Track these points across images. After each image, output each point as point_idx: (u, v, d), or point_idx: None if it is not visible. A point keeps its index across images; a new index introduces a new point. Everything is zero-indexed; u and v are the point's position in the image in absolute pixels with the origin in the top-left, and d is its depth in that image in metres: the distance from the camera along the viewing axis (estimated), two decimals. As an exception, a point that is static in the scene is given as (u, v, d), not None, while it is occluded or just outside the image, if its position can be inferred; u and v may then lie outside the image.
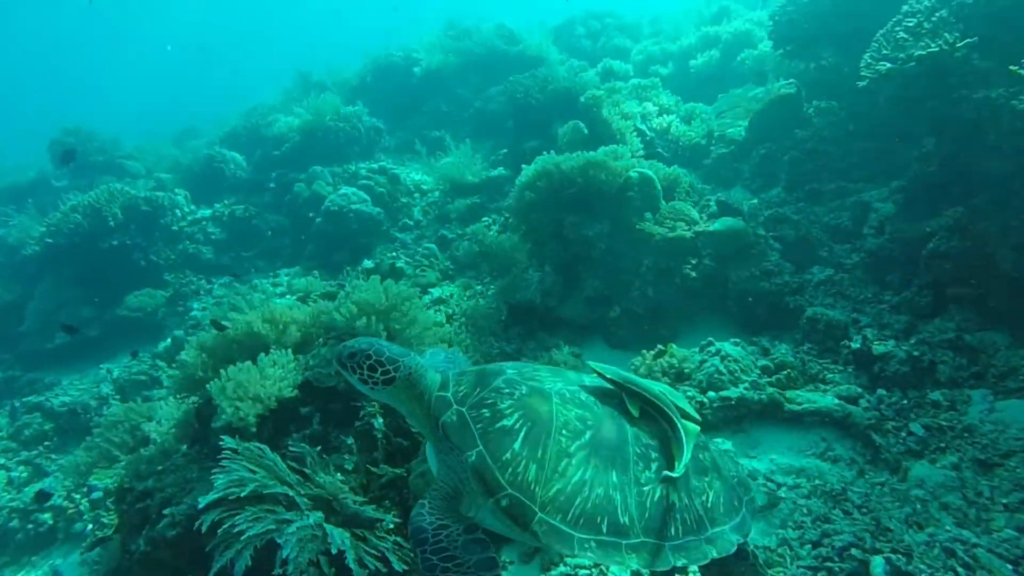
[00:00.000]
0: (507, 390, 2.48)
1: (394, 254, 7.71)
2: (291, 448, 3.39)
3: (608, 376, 2.58)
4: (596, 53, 11.78)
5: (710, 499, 2.47)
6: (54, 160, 11.60)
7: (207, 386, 3.62)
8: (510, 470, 2.31)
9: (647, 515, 2.32)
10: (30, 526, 5.87)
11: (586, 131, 7.24)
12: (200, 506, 2.93)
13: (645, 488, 2.35)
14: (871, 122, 6.37)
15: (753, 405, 4.41)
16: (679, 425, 2.49)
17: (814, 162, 6.60)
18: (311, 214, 8.58)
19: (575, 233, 5.78)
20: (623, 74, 9.51)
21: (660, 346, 4.91)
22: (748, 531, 2.56)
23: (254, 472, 3.09)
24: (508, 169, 8.76)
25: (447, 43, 11.37)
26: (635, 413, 2.51)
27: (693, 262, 5.76)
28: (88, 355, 8.44)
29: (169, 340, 7.67)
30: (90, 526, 5.63)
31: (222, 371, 3.60)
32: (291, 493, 3.08)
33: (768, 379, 4.62)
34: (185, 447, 4.16)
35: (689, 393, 4.54)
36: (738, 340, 5.22)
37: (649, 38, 11.89)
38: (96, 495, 5.53)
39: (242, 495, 2.95)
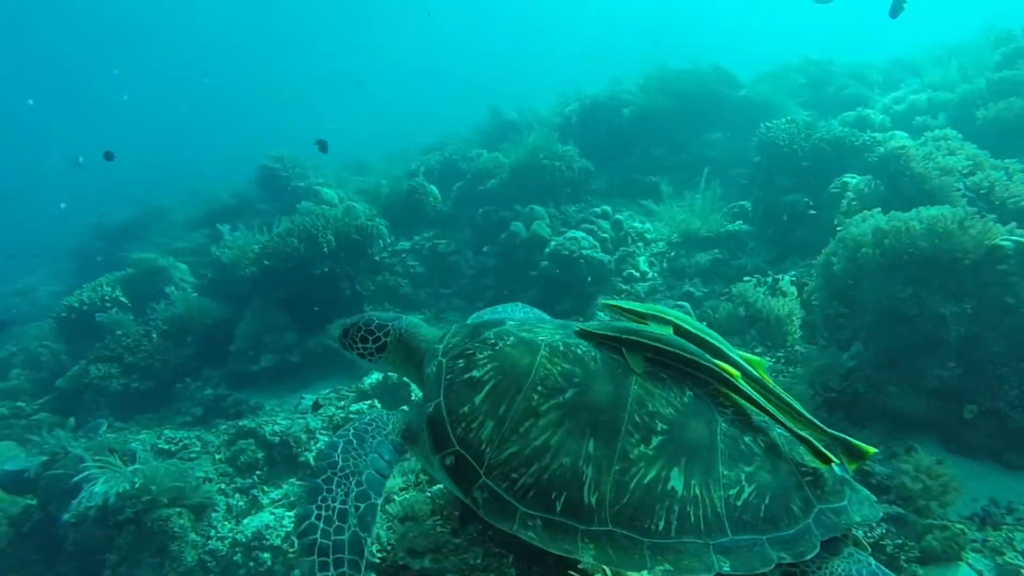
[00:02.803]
0: (492, 340, 2.20)
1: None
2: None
3: (600, 332, 2.16)
4: (825, 103, 10.61)
5: (743, 496, 1.92)
6: (261, 183, 11.93)
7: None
8: (463, 425, 2.04)
9: (626, 499, 1.87)
10: (252, 563, 5.39)
11: (882, 188, 6.11)
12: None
13: (634, 466, 1.91)
14: None
15: None
16: (704, 358, 2.04)
17: None
18: (524, 254, 7.95)
19: (918, 309, 4.61)
20: (880, 125, 8.29)
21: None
22: (807, 553, 1.88)
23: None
24: (752, 224, 7.76)
25: (659, 84, 10.66)
26: (638, 370, 2.06)
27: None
28: (288, 381, 8.17)
29: (379, 375, 7.20)
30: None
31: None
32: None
33: None
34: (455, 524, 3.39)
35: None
36: None
37: (887, 87, 10.59)
38: None
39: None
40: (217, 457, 6.59)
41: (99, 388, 8.24)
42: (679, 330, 2.23)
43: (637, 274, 7.74)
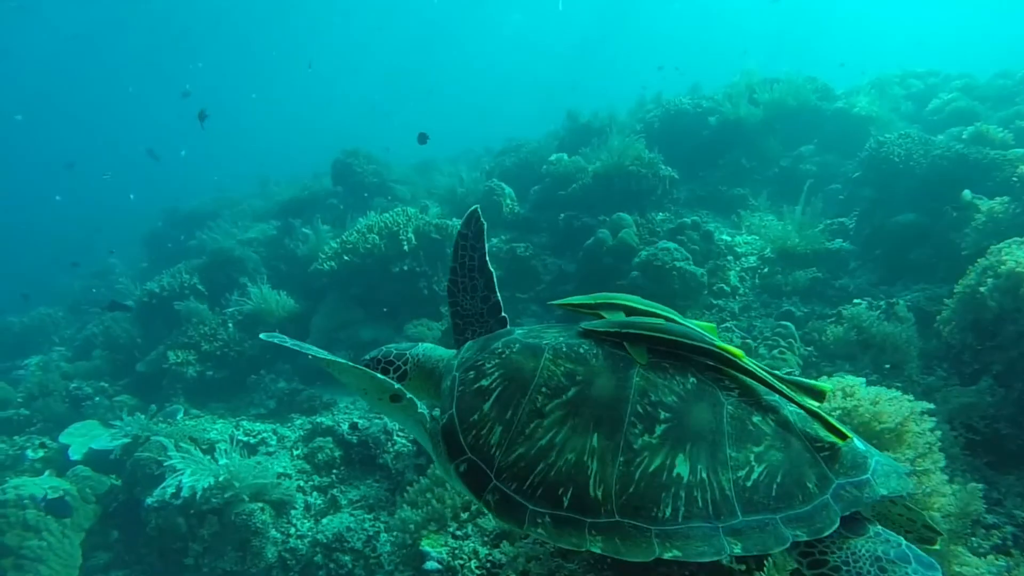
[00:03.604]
0: (500, 350, 2.26)
1: (727, 325, 6.51)
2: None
3: (600, 330, 2.18)
4: (928, 117, 10.01)
5: (753, 476, 1.88)
6: (334, 177, 11.98)
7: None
8: (473, 432, 2.11)
9: (632, 489, 1.88)
10: (332, 564, 5.28)
11: (1019, 211, 5.63)
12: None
13: (638, 456, 1.91)
14: None
15: None
16: (706, 342, 2.05)
17: None
18: (610, 262, 7.68)
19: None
20: (1002, 143, 7.71)
21: None
22: (824, 529, 1.82)
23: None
24: (854, 243, 7.32)
25: (747, 93, 10.24)
26: (642, 361, 2.07)
27: None
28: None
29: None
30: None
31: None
32: None
33: None
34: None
35: None
36: None
37: (999, 101, 9.89)
38: (431, 565, 4.69)
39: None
40: (295, 453, 6.54)
41: (176, 374, 8.34)
42: (631, 310, 2.31)
43: (728, 288, 7.38)
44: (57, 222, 28.79)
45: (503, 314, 2.74)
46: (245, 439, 6.70)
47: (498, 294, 2.74)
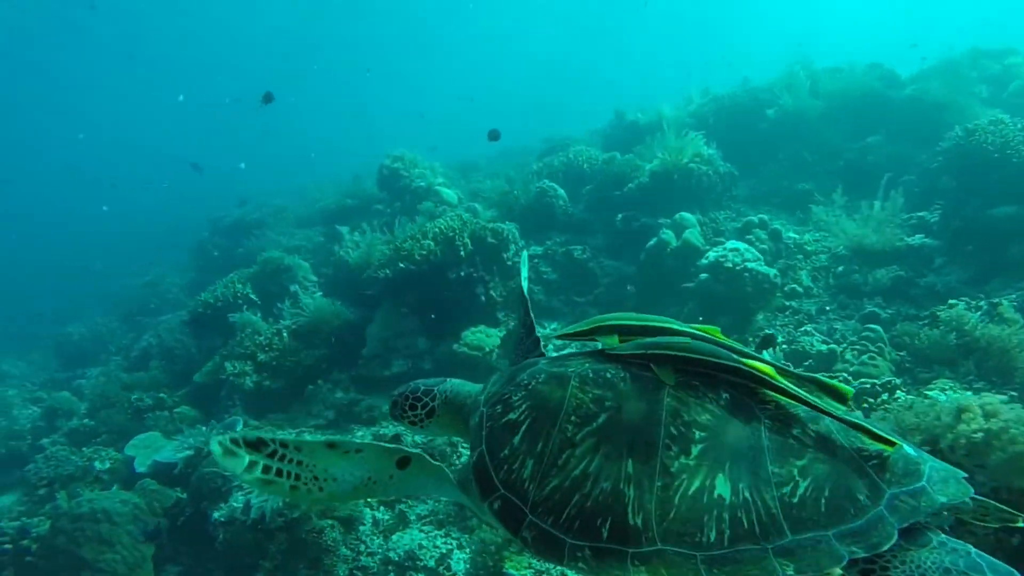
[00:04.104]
0: (525, 381, 2.19)
1: (806, 328, 6.17)
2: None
3: (626, 353, 2.11)
4: (1010, 101, 9.44)
5: (799, 492, 1.76)
6: (380, 183, 11.91)
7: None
8: (505, 468, 2.03)
9: (672, 515, 1.78)
10: (405, 585, 5.13)
11: None
12: None
13: (676, 479, 1.81)
14: None
15: None
16: (733, 360, 1.94)
17: None
18: (674, 264, 7.39)
19: None
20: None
21: None
22: (882, 543, 1.67)
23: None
24: (939, 238, 6.90)
25: (807, 84, 9.82)
26: (670, 381, 1.98)
27: None
28: (419, 388, 7.96)
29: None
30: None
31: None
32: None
33: None
34: None
35: None
36: None
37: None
38: None
39: None
40: (360, 466, 6.40)
41: (234, 385, 8.31)
42: (626, 328, 2.26)
43: (800, 289, 7.04)
44: (103, 234, 29.66)
45: (536, 335, 2.77)
46: (308, 452, 6.59)
47: (533, 316, 2.75)
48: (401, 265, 7.90)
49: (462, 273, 7.87)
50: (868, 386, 4.72)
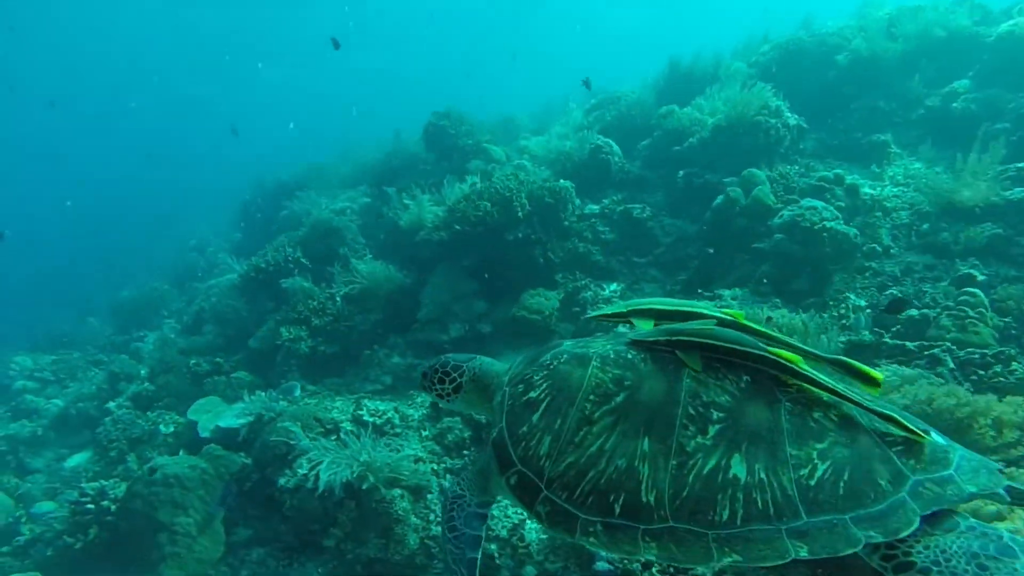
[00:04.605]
0: (548, 362, 2.26)
1: (892, 292, 5.78)
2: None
3: (650, 340, 2.13)
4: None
5: (817, 475, 1.76)
6: (426, 141, 11.60)
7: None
8: (523, 444, 2.11)
9: (685, 493, 1.82)
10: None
11: None
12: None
13: (691, 459, 1.84)
14: None
15: None
16: (759, 348, 1.95)
17: None
18: (744, 224, 7.01)
19: None
20: None
21: None
22: (901, 529, 1.66)
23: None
24: (1043, 191, 6.36)
25: (883, 24, 9.08)
26: (697, 367, 1.99)
27: None
28: (478, 352, 7.81)
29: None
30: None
31: None
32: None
33: None
34: None
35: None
36: None
37: None
38: (601, 566, 4.37)
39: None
40: (423, 434, 6.34)
41: (290, 350, 8.31)
42: (662, 313, 2.30)
43: (879, 249, 6.60)
44: (150, 200, 30.11)
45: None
46: (371, 419, 6.54)
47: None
48: (457, 227, 7.69)
49: (520, 234, 7.63)
50: (977, 357, 4.37)
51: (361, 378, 7.87)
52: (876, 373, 1.96)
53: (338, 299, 8.54)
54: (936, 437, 1.90)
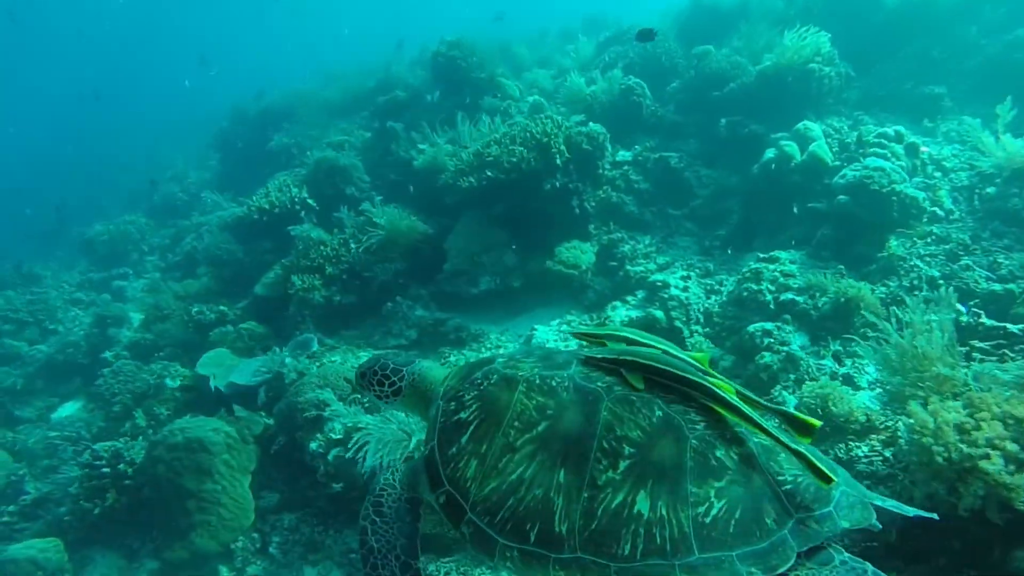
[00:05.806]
0: (479, 380, 2.32)
1: (965, 261, 5.54)
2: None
3: (599, 358, 2.22)
4: None
5: (712, 512, 1.88)
6: (434, 73, 10.77)
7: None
8: (452, 465, 2.18)
9: (593, 526, 1.93)
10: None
11: None
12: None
13: (602, 492, 1.95)
14: None
15: None
16: (698, 376, 2.06)
17: None
18: (798, 181, 6.65)
19: None
20: None
21: None
22: (779, 565, 1.82)
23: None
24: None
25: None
26: (639, 386, 2.10)
27: None
28: (503, 306, 7.43)
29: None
30: None
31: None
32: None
33: None
34: None
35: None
36: None
37: None
38: None
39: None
40: (466, 396, 6.01)
41: (303, 300, 7.76)
42: (632, 342, 2.35)
43: (941, 212, 6.34)
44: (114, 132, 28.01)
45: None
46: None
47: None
48: (489, 173, 7.13)
49: (557, 183, 7.12)
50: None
51: (383, 331, 7.42)
52: (813, 420, 2.00)
53: (352, 245, 7.96)
54: (840, 476, 2.04)
